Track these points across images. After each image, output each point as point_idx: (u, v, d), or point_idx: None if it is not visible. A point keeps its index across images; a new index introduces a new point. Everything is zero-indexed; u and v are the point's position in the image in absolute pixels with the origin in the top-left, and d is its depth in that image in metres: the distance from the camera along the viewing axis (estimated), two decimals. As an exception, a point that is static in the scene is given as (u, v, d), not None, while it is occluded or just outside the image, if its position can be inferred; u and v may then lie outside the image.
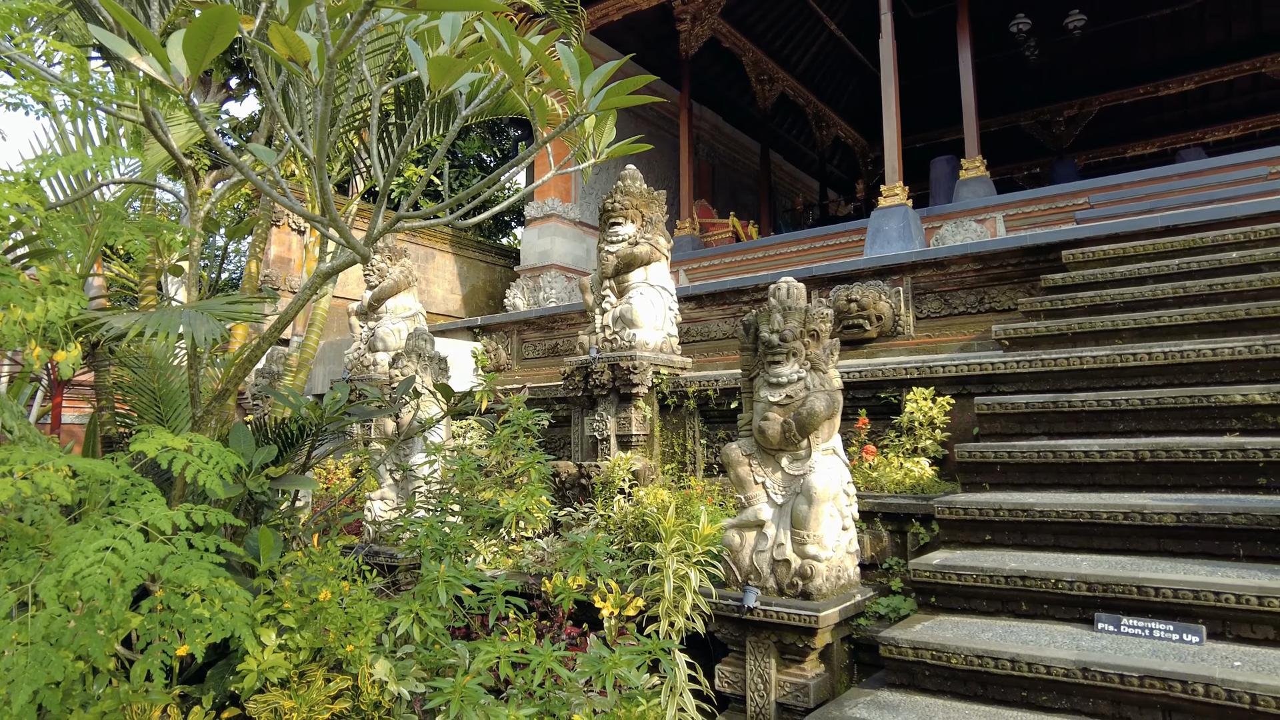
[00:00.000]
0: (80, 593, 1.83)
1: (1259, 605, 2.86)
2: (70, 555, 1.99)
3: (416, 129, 2.76)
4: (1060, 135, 17.20)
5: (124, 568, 1.92)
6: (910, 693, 3.15)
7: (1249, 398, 3.90)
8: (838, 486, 4.01)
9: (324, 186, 2.67)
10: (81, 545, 1.98)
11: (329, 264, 3.44)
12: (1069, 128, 17.13)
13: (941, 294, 7.16)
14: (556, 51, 2.92)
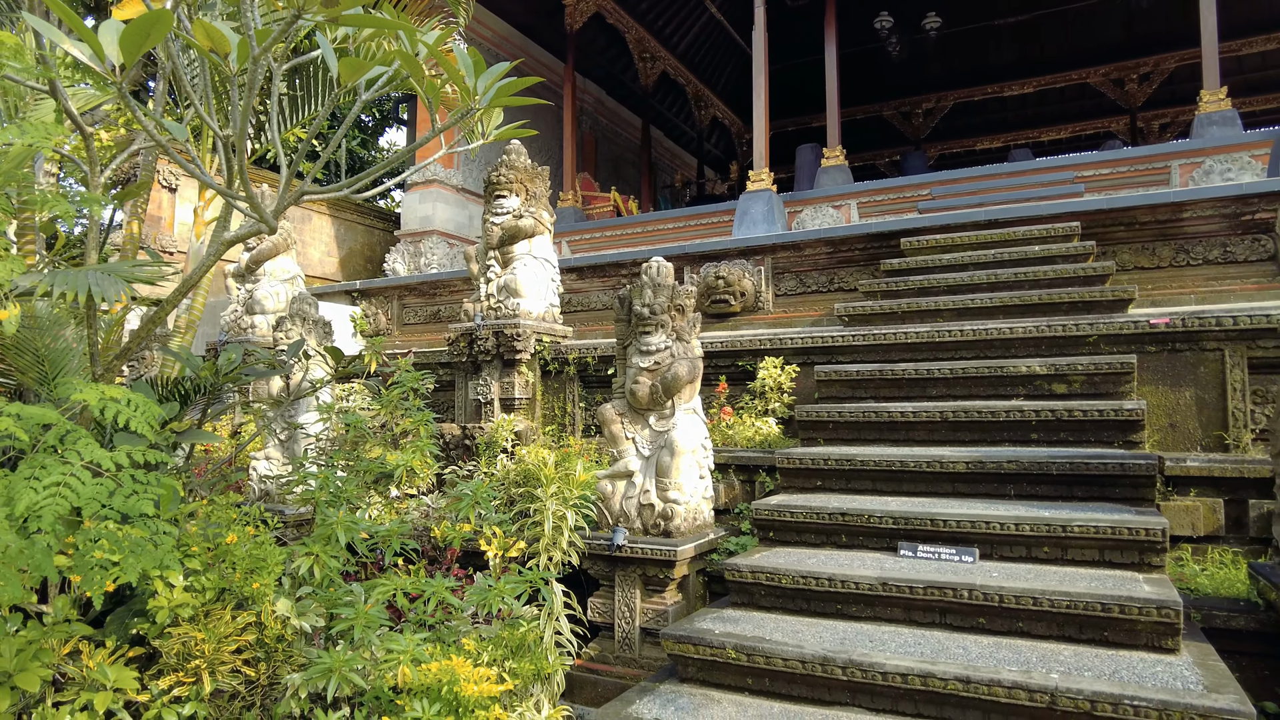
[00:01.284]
0: (41, 523, 2.12)
1: (1015, 530, 3.63)
2: (20, 491, 2.26)
3: (317, 110, 3.07)
4: (918, 126, 18.54)
5: (77, 500, 2.22)
6: (749, 609, 3.78)
7: (1031, 369, 4.74)
8: (697, 441, 4.60)
9: (242, 167, 2.95)
10: (31, 482, 2.25)
11: (234, 233, 3.68)
12: (925, 120, 18.49)
13: (797, 274, 7.89)
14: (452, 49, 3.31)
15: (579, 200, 12.96)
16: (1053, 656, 3.03)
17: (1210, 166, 8.22)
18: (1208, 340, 4.77)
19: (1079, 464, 3.93)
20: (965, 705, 2.90)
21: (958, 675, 2.88)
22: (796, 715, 3.08)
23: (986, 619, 3.30)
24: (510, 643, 3.76)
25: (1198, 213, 6.46)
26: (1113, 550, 3.51)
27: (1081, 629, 3.16)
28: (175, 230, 10.35)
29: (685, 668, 3.47)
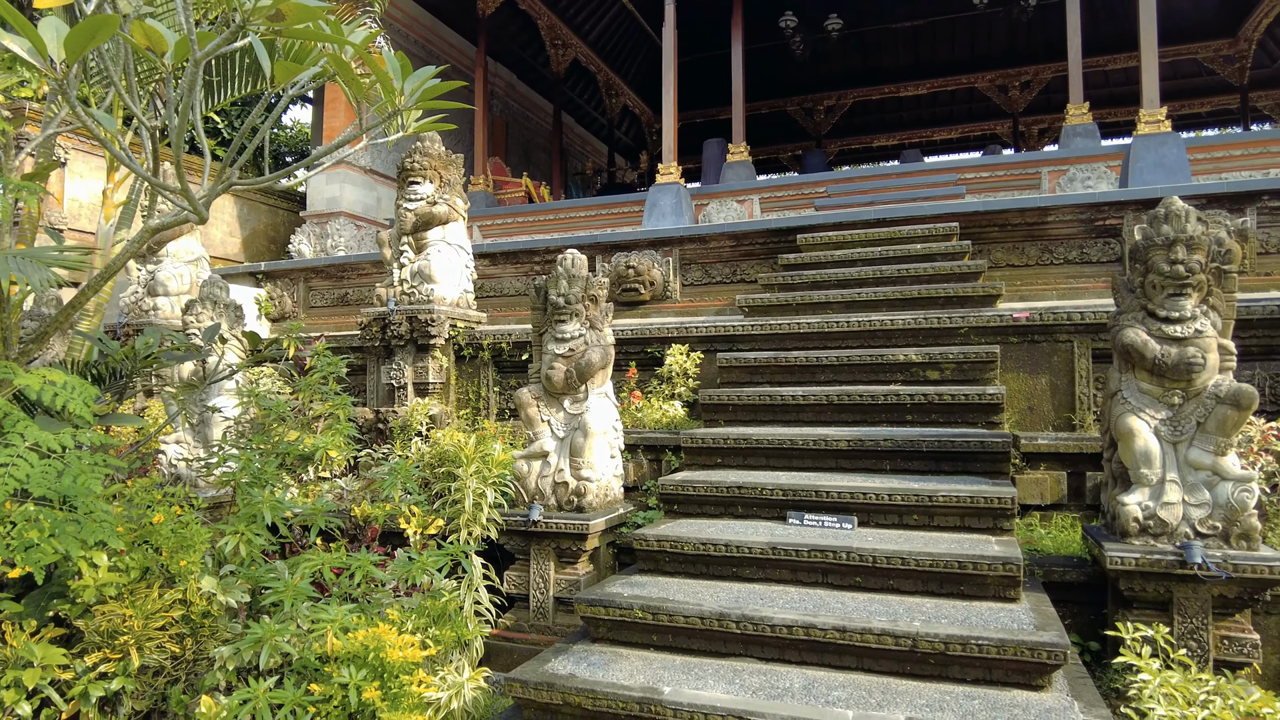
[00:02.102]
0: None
1: (889, 500, 4.11)
2: (-33, 471, 2.38)
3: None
4: (820, 123, 19.30)
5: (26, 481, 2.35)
6: (655, 575, 4.13)
7: (908, 357, 5.26)
8: (608, 423, 4.92)
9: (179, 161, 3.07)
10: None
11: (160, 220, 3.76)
12: (827, 117, 19.26)
13: (704, 265, 8.30)
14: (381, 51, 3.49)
15: (490, 185, 13.05)
16: (917, 608, 3.50)
17: (1074, 174, 9.04)
18: (1060, 333, 5.39)
19: (945, 442, 4.45)
20: (842, 651, 3.33)
21: (835, 626, 3.31)
22: (696, 665, 3.45)
23: (862, 578, 3.75)
24: (432, 612, 4.01)
25: (1060, 217, 7.17)
26: (971, 517, 4.02)
27: (942, 584, 3.64)
28: (65, 207, 9.95)
29: (596, 628, 3.80)
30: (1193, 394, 3.71)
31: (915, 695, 3.09)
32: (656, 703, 3.13)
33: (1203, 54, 16.44)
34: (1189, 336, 3.72)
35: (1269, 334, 5.10)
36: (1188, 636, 3.54)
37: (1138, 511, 3.68)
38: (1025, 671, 3.11)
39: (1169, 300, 3.78)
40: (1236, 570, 3.43)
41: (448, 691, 3.71)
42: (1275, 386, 5.13)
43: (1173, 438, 3.74)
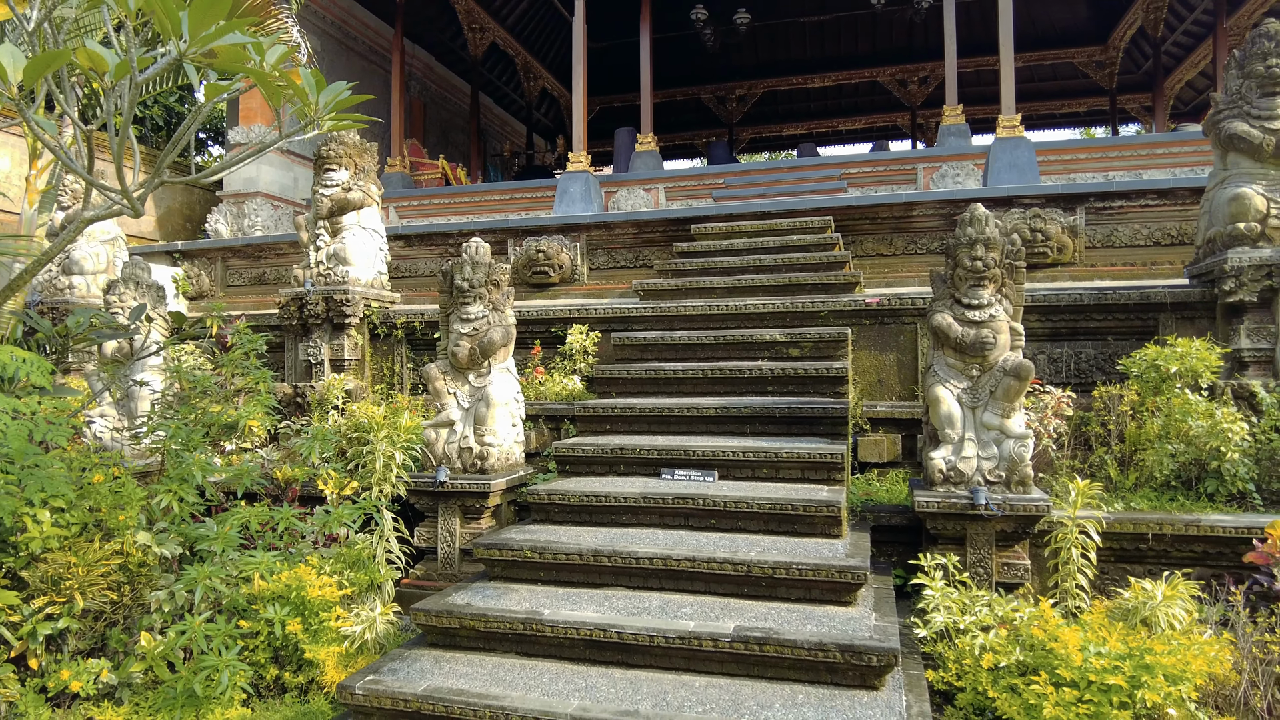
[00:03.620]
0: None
1: (744, 457, 4.85)
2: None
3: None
4: (732, 111, 20.07)
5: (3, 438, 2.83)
6: (546, 524, 4.78)
7: (774, 337, 6.01)
8: (510, 395, 5.53)
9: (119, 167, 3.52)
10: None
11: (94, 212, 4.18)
12: (739, 105, 20.04)
13: (609, 250, 8.93)
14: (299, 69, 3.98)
15: (407, 166, 13.35)
16: (756, 543, 4.24)
17: (945, 171, 9.99)
18: (906, 316, 6.22)
19: (796, 408, 5.22)
20: (693, 578, 4.05)
21: (687, 557, 4.02)
22: (575, 594, 4.12)
23: (716, 520, 4.48)
24: (348, 559, 4.57)
25: (923, 212, 8.05)
26: (809, 469, 4.79)
27: (780, 524, 4.39)
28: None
29: (493, 569, 4.43)
30: (987, 368, 4.54)
31: (748, 610, 3.83)
32: (537, 622, 3.79)
33: (1078, 59, 17.80)
34: (985, 320, 4.54)
35: (1074, 318, 6.02)
36: (976, 564, 4.38)
37: (942, 464, 4.50)
38: (835, 590, 3.88)
39: (970, 290, 4.59)
40: (1012, 509, 4.27)
41: (361, 625, 4.28)
42: (1079, 362, 6.07)
43: (972, 404, 4.56)
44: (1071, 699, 3.31)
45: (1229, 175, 5.71)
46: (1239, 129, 5.59)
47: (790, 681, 3.49)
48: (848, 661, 3.40)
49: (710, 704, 3.32)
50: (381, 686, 3.59)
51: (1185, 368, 5.19)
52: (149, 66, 3.27)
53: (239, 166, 4.34)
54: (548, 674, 3.67)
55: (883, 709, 3.26)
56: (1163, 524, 4.60)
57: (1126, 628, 3.77)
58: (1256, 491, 4.84)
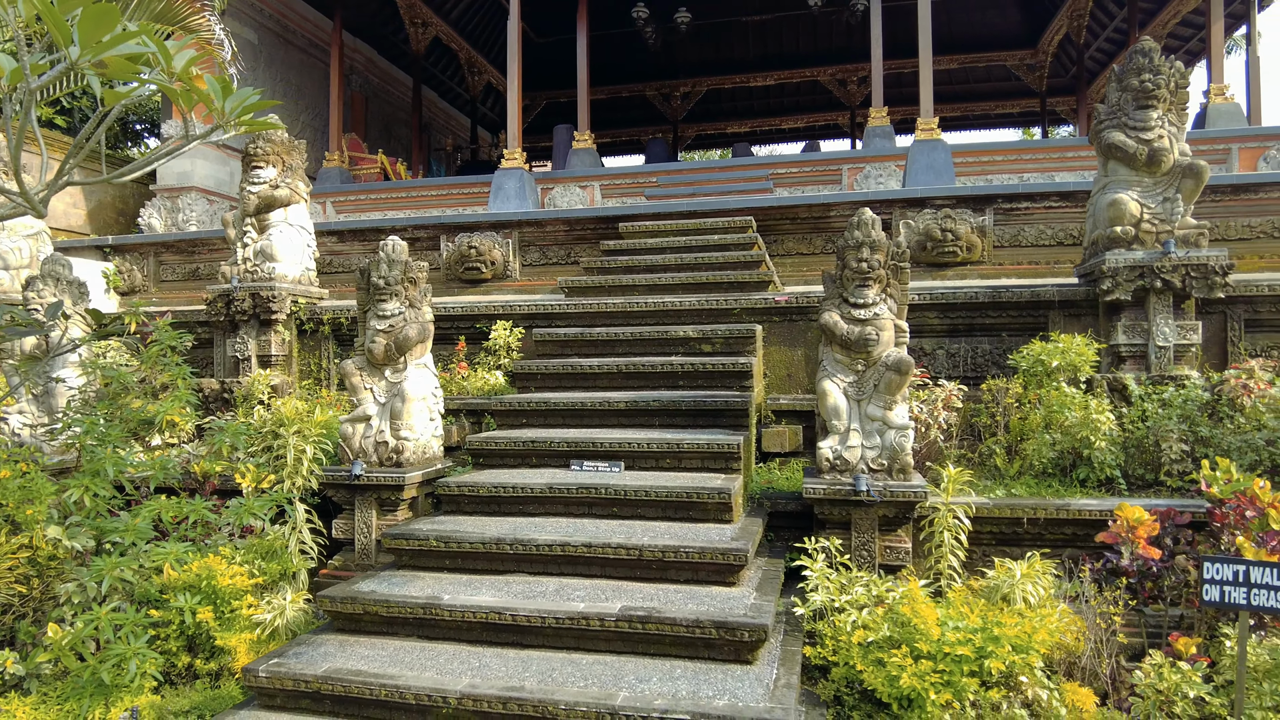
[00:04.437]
0: None
1: (649, 448, 5.08)
2: None
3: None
4: (676, 108, 20.30)
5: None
6: (456, 515, 4.97)
7: (687, 334, 6.25)
8: (427, 390, 5.68)
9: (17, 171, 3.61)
10: None
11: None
12: (683, 102, 20.28)
13: (541, 247, 9.10)
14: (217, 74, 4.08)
15: (346, 161, 13.34)
16: (652, 529, 4.47)
17: (869, 172, 10.33)
18: (813, 313, 6.50)
19: (701, 401, 5.46)
20: (590, 562, 4.27)
21: (584, 543, 4.23)
22: (478, 581, 4.32)
23: (617, 508, 4.71)
24: (260, 549, 4.71)
25: (840, 212, 8.35)
26: (709, 459, 5.04)
27: (676, 510, 4.63)
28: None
29: (401, 558, 4.60)
30: (871, 363, 4.82)
31: (638, 591, 4.06)
32: (436, 606, 3.98)
33: (1010, 61, 18.37)
34: (870, 319, 4.82)
35: (970, 315, 6.36)
36: (860, 548, 4.66)
37: (829, 454, 4.77)
38: (720, 571, 4.13)
39: (856, 290, 4.87)
40: (892, 495, 4.56)
41: (273, 613, 4.43)
42: (975, 357, 6.42)
43: (857, 396, 4.85)
44: (928, 669, 3.60)
45: (1109, 182, 6.09)
46: (1116, 139, 5.96)
47: (672, 657, 3.73)
48: (722, 637, 3.65)
49: (592, 678, 3.54)
50: (284, 669, 3.75)
51: (1066, 362, 5.55)
52: (45, 73, 3.37)
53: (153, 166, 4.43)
54: (445, 655, 3.86)
55: (752, 680, 3.51)
56: (1036, 509, 4.94)
57: (988, 604, 4.08)
58: (1123, 477, 5.22)
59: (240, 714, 3.78)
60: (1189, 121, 14.54)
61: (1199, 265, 5.68)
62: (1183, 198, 5.88)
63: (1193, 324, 5.80)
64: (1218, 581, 3.75)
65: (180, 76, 3.95)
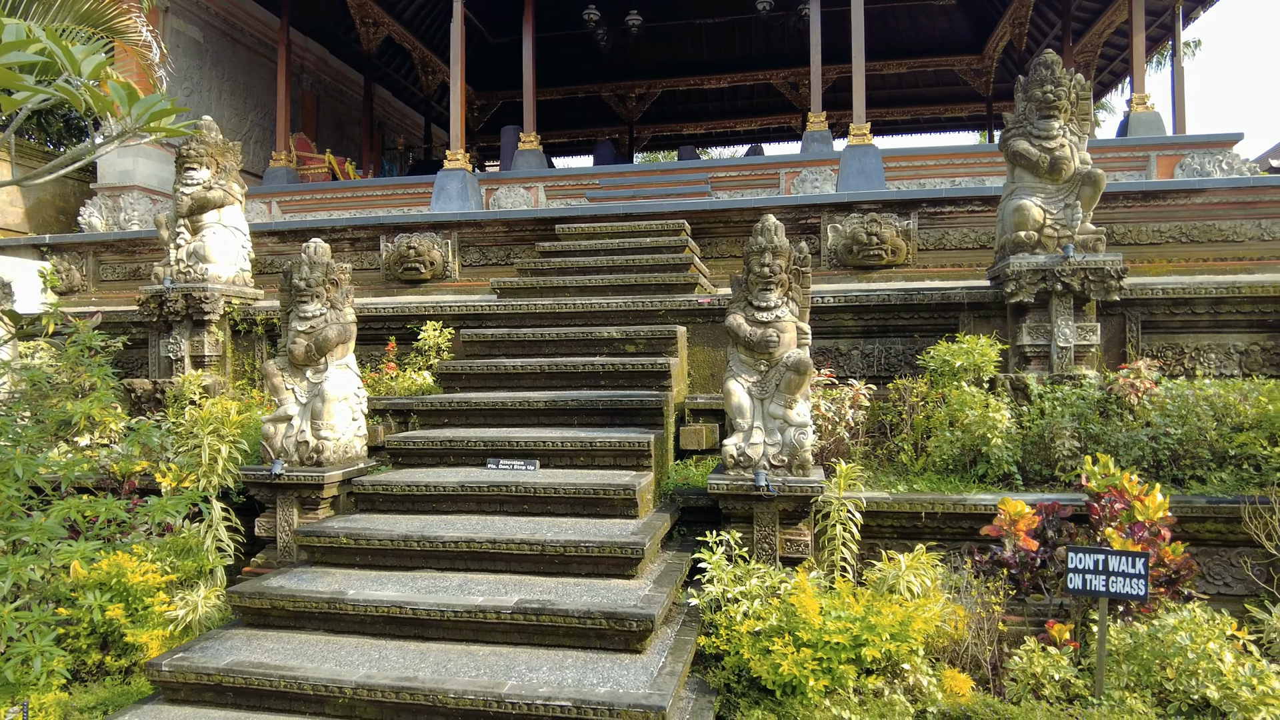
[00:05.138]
0: None
1: (564, 447, 5.23)
2: None
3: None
4: (631, 109, 20.46)
5: None
6: (370, 513, 5.07)
7: (611, 334, 6.40)
8: (349, 390, 5.77)
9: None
10: None
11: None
12: (638, 104, 20.44)
13: (481, 247, 9.20)
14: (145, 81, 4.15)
15: (293, 161, 13.31)
16: (560, 525, 4.61)
17: (806, 176, 10.56)
18: (736, 314, 6.67)
19: (618, 400, 5.62)
20: (495, 558, 4.40)
21: (489, 539, 4.37)
22: (385, 576, 4.43)
23: (529, 505, 4.84)
24: (175, 547, 4.77)
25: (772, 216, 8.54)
26: (621, 457, 5.20)
27: (585, 507, 4.78)
28: None
29: (313, 555, 4.70)
30: (774, 363, 5.00)
31: (540, 585, 4.20)
32: (340, 601, 4.08)
33: (958, 66, 18.77)
34: (771, 321, 5.00)
35: (884, 317, 6.59)
36: (762, 541, 4.84)
37: (734, 450, 4.94)
38: (619, 565, 4.28)
39: (759, 293, 5.05)
40: (790, 490, 4.74)
41: (185, 609, 4.50)
42: (888, 357, 6.65)
43: (760, 395, 5.03)
44: (807, 657, 3.78)
45: (1015, 188, 6.34)
46: (1021, 147, 6.22)
47: (565, 648, 3.88)
48: (612, 628, 3.80)
49: (485, 669, 3.67)
50: (187, 663, 3.84)
51: (970, 363, 5.79)
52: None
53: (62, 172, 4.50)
54: (348, 648, 3.97)
55: (638, 668, 3.67)
56: (934, 504, 5.16)
57: (874, 595, 4.28)
58: (1020, 473, 5.46)
59: (144, 708, 3.86)
60: (1114, 130, 14.94)
61: (1096, 269, 5.95)
62: (1082, 204, 6.15)
63: (1092, 325, 6.07)
64: (1080, 570, 3.98)
65: (86, 81, 4.03)
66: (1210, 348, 6.47)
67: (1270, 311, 6.35)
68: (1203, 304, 6.38)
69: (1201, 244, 8.29)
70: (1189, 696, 3.84)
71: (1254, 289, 6.30)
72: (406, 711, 3.55)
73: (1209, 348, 6.47)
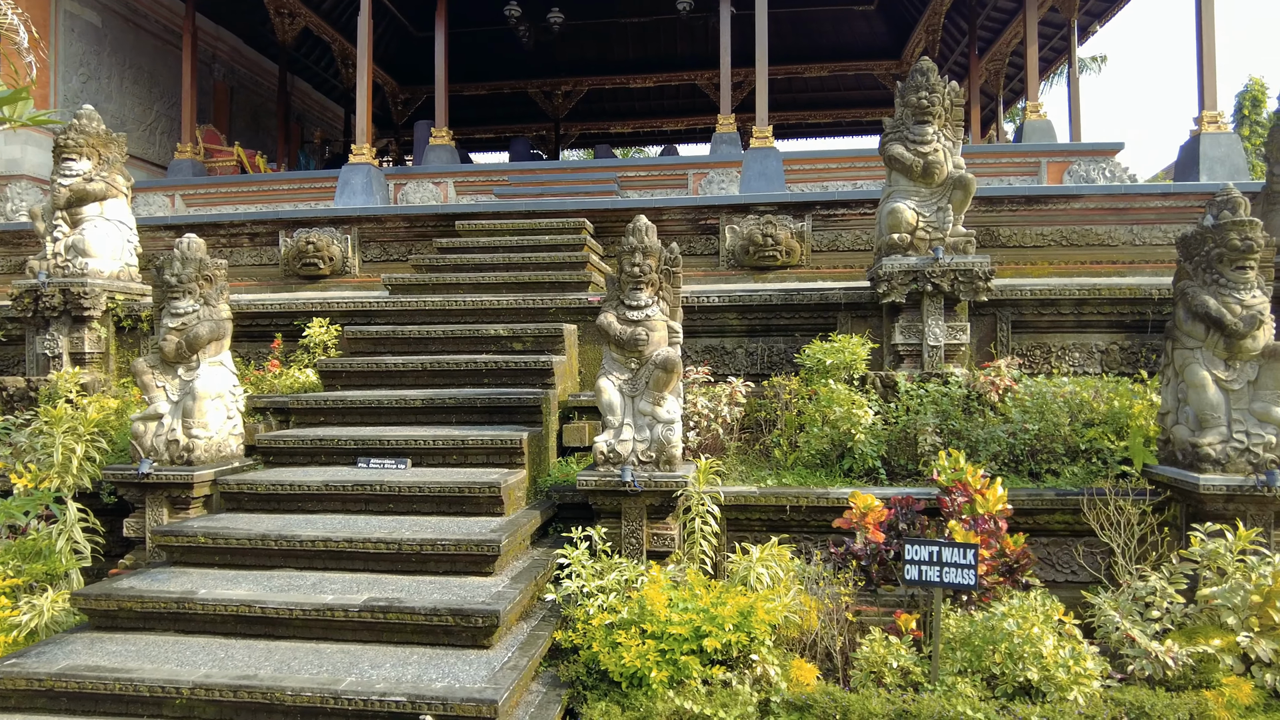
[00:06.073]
0: None
1: (435, 445, 5.24)
2: None
3: None
4: (558, 106, 20.42)
5: None
6: (236, 511, 5.01)
7: (498, 332, 6.42)
8: (224, 388, 5.67)
9: None
10: None
11: None
12: (565, 101, 20.41)
13: (382, 243, 9.11)
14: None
15: (201, 153, 12.97)
16: (422, 523, 4.63)
17: (713, 177, 10.71)
18: (625, 313, 6.75)
19: (496, 398, 5.65)
20: (353, 557, 4.39)
21: (346, 538, 4.36)
22: (242, 575, 4.38)
23: (394, 504, 4.84)
24: (23, 550, 4.64)
25: (672, 216, 8.67)
26: (494, 455, 5.23)
27: (450, 505, 4.80)
28: None
29: (171, 554, 4.63)
30: (644, 361, 5.08)
31: (395, 583, 4.21)
32: (190, 600, 4.03)
33: (878, 71, 19.19)
34: (642, 320, 5.08)
35: (767, 316, 6.75)
36: (630, 536, 4.93)
37: (604, 447, 5.02)
38: (476, 562, 4.32)
39: (631, 292, 5.13)
40: (656, 485, 4.83)
41: (31, 613, 4.38)
42: (771, 355, 6.81)
43: (631, 393, 5.11)
44: (650, 648, 3.87)
45: (891, 191, 6.55)
46: (896, 151, 6.43)
47: (414, 645, 3.90)
48: (459, 624, 3.84)
49: (328, 666, 3.67)
50: (18, 669, 3.74)
51: (841, 361, 5.97)
52: None
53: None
54: (195, 648, 3.92)
55: (482, 664, 3.72)
56: (799, 497, 5.31)
57: (726, 586, 4.39)
58: (885, 467, 5.65)
59: (-26, 716, 3.75)
60: (1009, 136, 15.54)
61: (965, 270, 6.19)
62: (953, 208, 6.39)
63: (962, 325, 6.32)
64: (917, 561, 4.16)
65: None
66: (1075, 347, 6.79)
67: (1128, 313, 6.69)
68: (1067, 305, 6.68)
69: (1080, 247, 8.69)
70: (1014, 679, 4.04)
71: (1112, 291, 6.63)
72: (245, 710, 3.53)
73: (1074, 347, 6.78)
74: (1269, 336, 4.86)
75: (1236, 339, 4.83)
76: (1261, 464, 4.74)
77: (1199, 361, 4.96)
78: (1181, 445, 4.97)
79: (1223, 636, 4.25)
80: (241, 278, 9.54)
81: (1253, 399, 4.88)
